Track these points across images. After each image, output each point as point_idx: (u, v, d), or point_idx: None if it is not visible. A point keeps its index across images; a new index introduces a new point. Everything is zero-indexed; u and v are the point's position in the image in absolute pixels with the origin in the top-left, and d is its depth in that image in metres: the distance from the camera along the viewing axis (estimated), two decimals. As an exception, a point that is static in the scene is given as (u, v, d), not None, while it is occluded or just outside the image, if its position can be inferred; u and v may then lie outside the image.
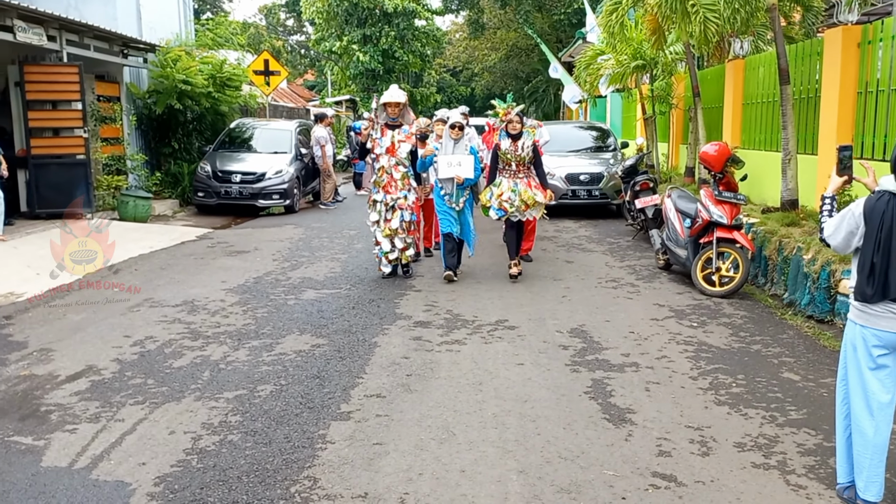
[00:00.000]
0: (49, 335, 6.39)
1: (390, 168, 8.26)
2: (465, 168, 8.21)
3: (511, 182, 8.25)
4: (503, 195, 8.20)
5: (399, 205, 8.30)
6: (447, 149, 8.36)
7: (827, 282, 6.65)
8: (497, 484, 3.81)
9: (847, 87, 8.31)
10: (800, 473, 3.92)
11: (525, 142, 8.24)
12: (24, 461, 4.06)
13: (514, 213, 8.24)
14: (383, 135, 8.28)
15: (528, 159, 8.27)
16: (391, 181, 8.28)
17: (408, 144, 8.31)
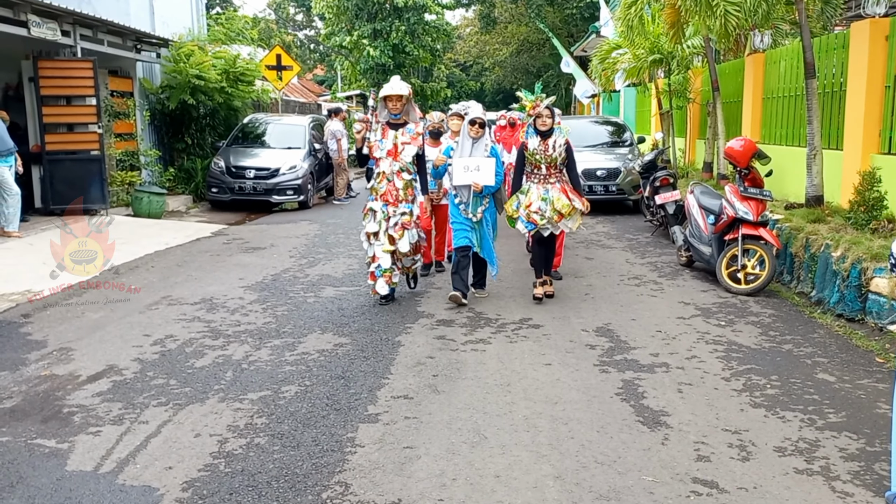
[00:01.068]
0: (68, 334, 6.31)
1: (392, 174, 6.92)
2: (485, 173, 6.91)
3: (541, 189, 6.97)
4: (532, 205, 6.93)
5: (405, 223, 6.95)
6: (464, 149, 7.05)
7: (858, 280, 6.51)
8: (534, 490, 3.70)
9: (874, 80, 8.15)
10: (845, 480, 3.80)
11: (556, 140, 6.92)
12: (48, 465, 3.98)
13: (546, 225, 6.98)
14: (384, 136, 6.97)
15: (560, 161, 6.97)
16: (392, 190, 6.94)
17: (413, 147, 6.93)
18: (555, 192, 6.93)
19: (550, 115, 6.90)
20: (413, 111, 7.09)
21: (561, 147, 6.95)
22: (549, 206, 6.89)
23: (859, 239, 6.83)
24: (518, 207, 7.04)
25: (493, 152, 7.11)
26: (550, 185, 6.98)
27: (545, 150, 6.94)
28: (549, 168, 6.97)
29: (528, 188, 7.04)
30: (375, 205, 7.01)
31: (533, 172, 7.05)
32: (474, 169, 6.90)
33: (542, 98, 6.99)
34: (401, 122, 6.99)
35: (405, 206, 6.96)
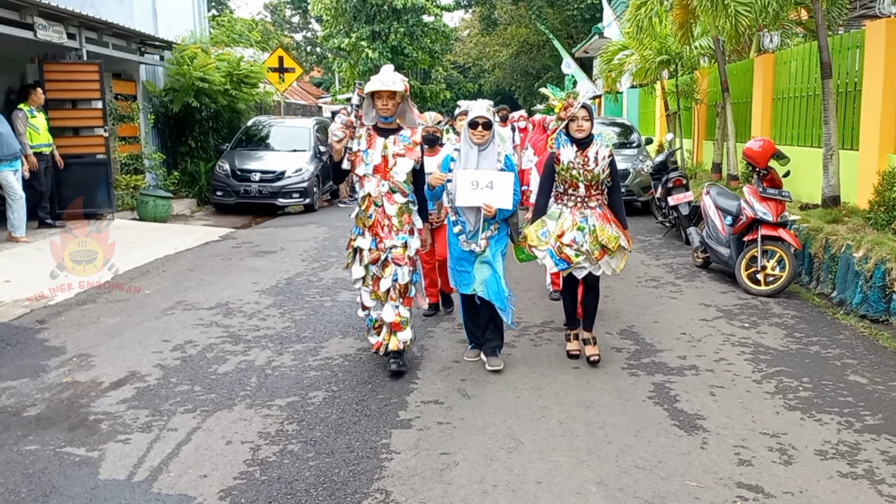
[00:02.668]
0: (86, 340, 6.23)
1: (381, 197, 5.18)
2: (499, 193, 5.18)
3: (577, 214, 5.33)
4: (564, 235, 5.27)
5: (395, 257, 5.21)
6: (468, 161, 5.30)
7: (882, 280, 6.47)
8: (577, 496, 3.65)
9: (891, 80, 8.12)
10: (891, 483, 3.76)
11: (599, 151, 5.28)
12: (80, 474, 3.90)
13: (582, 263, 5.32)
14: (370, 145, 5.16)
15: (603, 179, 5.33)
16: (382, 219, 5.21)
17: (408, 160, 5.18)
18: (596, 220, 5.30)
19: (588, 118, 5.24)
20: (410, 113, 5.33)
21: (605, 160, 5.29)
22: (589, 237, 5.27)
23: (882, 239, 6.79)
24: (545, 237, 5.36)
25: (507, 164, 5.34)
26: (590, 209, 5.33)
27: (584, 164, 5.26)
28: (589, 188, 5.31)
29: (560, 212, 5.38)
30: (363, 241, 5.25)
31: (566, 193, 5.38)
32: (485, 186, 5.18)
33: (576, 95, 5.36)
34: (393, 126, 5.22)
35: (399, 237, 5.22)
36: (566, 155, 5.29)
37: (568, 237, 5.28)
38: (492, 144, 5.33)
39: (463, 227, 5.36)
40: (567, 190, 5.39)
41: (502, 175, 5.22)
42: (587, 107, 5.28)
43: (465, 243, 5.38)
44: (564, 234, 5.29)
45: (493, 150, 5.33)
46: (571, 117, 5.24)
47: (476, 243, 5.34)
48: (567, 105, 5.25)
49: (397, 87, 5.05)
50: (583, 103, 5.26)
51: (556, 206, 5.46)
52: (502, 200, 5.19)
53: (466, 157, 5.33)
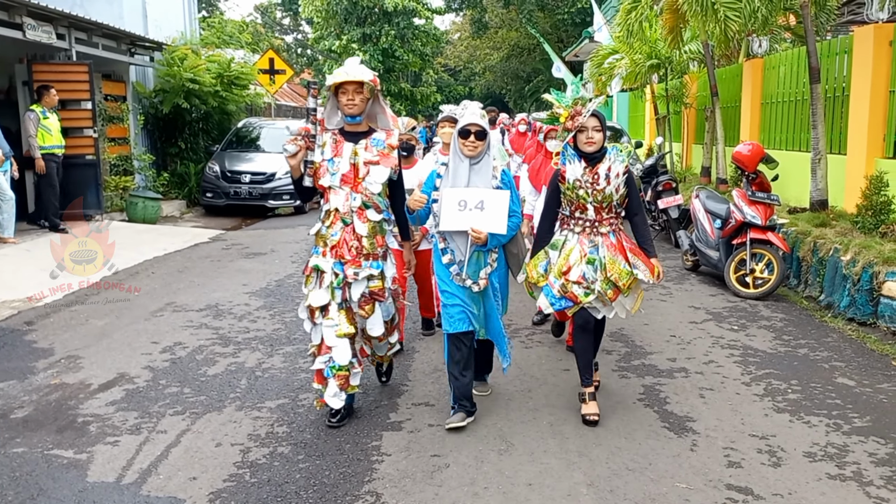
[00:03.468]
0: (74, 341, 6.20)
1: (349, 213, 4.35)
2: (491, 214, 4.32)
3: (586, 243, 4.48)
4: (571, 270, 4.42)
5: (373, 292, 4.42)
6: (458, 176, 4.41)
7: (869, 283, 6.51)
8: (567, 498, 3.65)
9: (878, 86, 8.18)
10: (878, 485, 3.78)
11: (613, 167, 4.42)
12: (68, 476, 3.88)
13: (592, 304, 4.49)
14: (336, 152, 4.34)
15: (617, 200, 4.48)
16: (350, 240, 4.36)
17: (383, 168, 4.37)
18: (607, 251, 4.43)
19: (600, 128, 4.44)
20: (383, 113, 4.52)
21: (619, 178, 4.42)
22: (601, 271, 4.41)
23: (869, 243, 6.84)
24: (545, 271, 4.55)
25: (504, 181, 4.47)
26: (602, 236, 4.47)
27: (594, 183, 4.42)
28: (599, 210, 4.46)
29: (565, 241, 4.54)
30: (323, 262, 4.36)
31: (573, 217, 4.54)
32: (475, 206, 4.30)
33: (585, 101, 4.60)
34: (363, 129, 4.41)
35: (373, 264, 4.37)
36: (572, 172, 4.44)
37: (576, 273, 4.39)
38: (486, 157, 4.41)
39: (454, 257, 4.43)
40: (574, 213, 4.53)
41: (495, 193, 4.32)
42: (598, 115, 4.44)
43: (457, 277, 4.40)
44: (571, 270, 4.40)
45: (487, 165, 4.40)
46: (580, 128, 4.43)
47: (474, 281, 4.41)
48: (574, 114, 4.45)
49: (364, 77, 4.23)
50: (593, 111, 4.43)
51: (561, 233, 4.58)
52: (494, 223, 4.29)
53: (455, 173, 4.40)
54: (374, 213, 4.39)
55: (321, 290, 4.36)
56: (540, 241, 4.68)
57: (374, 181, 4.36)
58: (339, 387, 4.41)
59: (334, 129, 4.43)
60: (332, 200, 4.36)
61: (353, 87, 4.26)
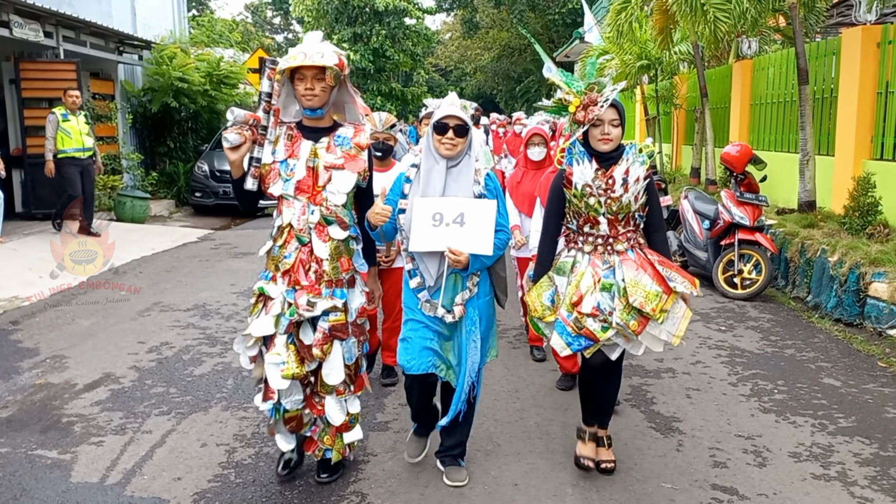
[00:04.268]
0: (60, 341, 6.16)
1: (307, 230, 3.49)
2: (474, 231, 3.45)
3: (600, 264, 3.63)
4: (583, 300, 3.56)
5: (334, 327, 3.51)
6: (429, 181, 3.55)
7: (856, 284, 6.54)
8: (553, 498, 3.65)
9: (866, 87, 8.23)
10: (863, 485, 3.79)
11: (632, 170, 3.55)
12: (52, 476, 3.85)
13: (613, 340, 3.61)
14: (291, 152, 3.49)
15: (637, 210, 3.64)
16: (306, 261, 3.51)
17: (349, 174, 3.50)
18: (629, 271, 3.57)
19: (619, 122, 3.54)
20: (352, 104, 3.64)
21: (639, 184, 3.57)
22: (619, 299, 3.54)
23: (856, 244, 6.87)
24: (552, 302, 3.68)
25: (489, 187, 3.59)
26: (619, 255, 3.62)
27: (607, 190, 3.55)
28: (614, 223, 3.61)
29: (574, 263, 3.68)
30: (271, 288, 3.51)
31: (581, 232, 3.68)
32: (453, 221, 3.43)
33: (602, 86, 3.57)
34: (325, 124, 3.56)
35: (336, 292, 3.52)
36: (581, 175, 3.55)
37: (589, 303, 3.53)
38: (467, 159, 3.55)
39: (424, 281, 3.56)
40: (582, 227, 3.65)
41: (479, 204, 3.44)
42: (618, 106, 3.53)
43: (427, 305, 3.54)
44: (583, 300, 3.54)
45: (468, 168, 3.54)
46: (592, 121, 3.50)
47: (447, 309, 3.52)
48: (588, 102, 3.48)
49: (327, 61, 3.32)
50: (612, 100, 3.48)
51: (568, 253, 3.71)
52: (478, 242, 3.40)
53: (428, 177, 3.50)
54: (338, 230, 3.49)
55: (265, 317, 3.46)
56: (542, 264, 3.78)
57: (337, 190, 3.46)
58: (290, 429, 3.65)
59: (290, 122, 3.54)
60: (284, 213, 3.47)
61: (313, 73, 3.36)
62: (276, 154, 3.47)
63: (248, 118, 3.39)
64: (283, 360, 3.46)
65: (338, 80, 3.44)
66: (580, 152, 3.61)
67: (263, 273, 3.61)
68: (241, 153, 3.38)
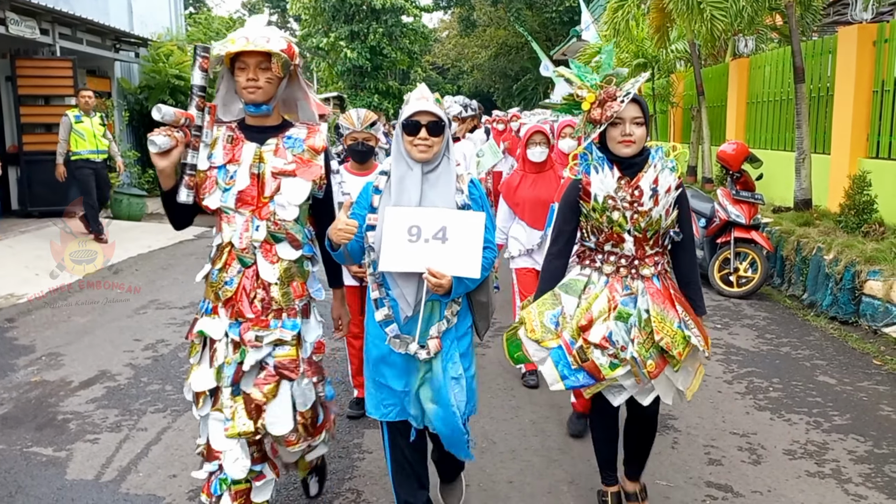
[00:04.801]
0: (56, 339, 6.16)
1: (251, 250, 2.92)
2: (461, 249, 2.83)
3: (619, 289, 3.06)
4: (592, 327, 3.00)
5: (282, 366, 2.93)
6: (404, 188, 2.91)
7: (851, 283, 6.56)
8: (548, 495, 3.66)
9: (862, 85, 8.24)
10: (857, 482, 3.80)
11: (662, 179, 2.99)
12: (47, 474, 3.85)
13: (624, 382, 3.04)
14: (232, 157, 2.92)
15: (666, 225, 3.04)
16: (252, 288, 2.93)
17: (302, 182, 2.96)
18: (655, 303, 2.99)
19: (642, 120, 2.98)
20: (304, 99, 3.08)
21: (670, 196, 3.00)
22: (638, 331, 2.96)
23: (852, 242, 6.89)
24: (556, 325, 3.08)
25: (474, 195, 2.99)
26: (643, 280, 3.04)
27: (634, 201, 2.99)
28: (641, 242, 3.03)
29: (588, 282, 3.12)
30: (214, 325, 2.95)
31: (601, 250, 3.11)
32: (433, 236, 2.83)
33: (622, 79, 3.03)
34: (272, 122, 3.00)
35: (287, 324, 2.96)
36: (602, 184, 2.99)
37: (598, 332, 2.96)
38: (446, 162, 2.96)
39: (393, 311, 2.91)
40: (603, 245, 3.08)
41: (465, 216, 2.84)
42: (641, 102, 2.97)
43: (395, 341, 2.90)
44: (592, 327, 2.98)
45: (447, 173, 2.95)
46: (611, 120, 2.94)
47: (421, 344, 2.88)
48: (605, 97, 2.93)
49: (273, 47, 2.78)
50: (633, 94, 2.93)
51: (581, 272, 3.16)
52: (463, 262, 2.80)
53: (401, 186, 2.90)
54: (289, 250, 2.95)
55: (207, 370, 2.94)
56: (548, 279, 3.19)
57: (287, 201, 2.92)
58: (231, 498, 3.00)
59: (231, 121, 2.99)
60: (224, 230, 2.90)
61: (257, 61, 2.82)
62: (212, 159, 2.89)
63: (180, 117, 2.78)
64: (228, 417, 2.89)
65: (287, 71, 2.88)
66: (598, 158, 3.03)
67: (202, 303, 3.02)
68: (171, 159, 2.77)
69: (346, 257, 2.95)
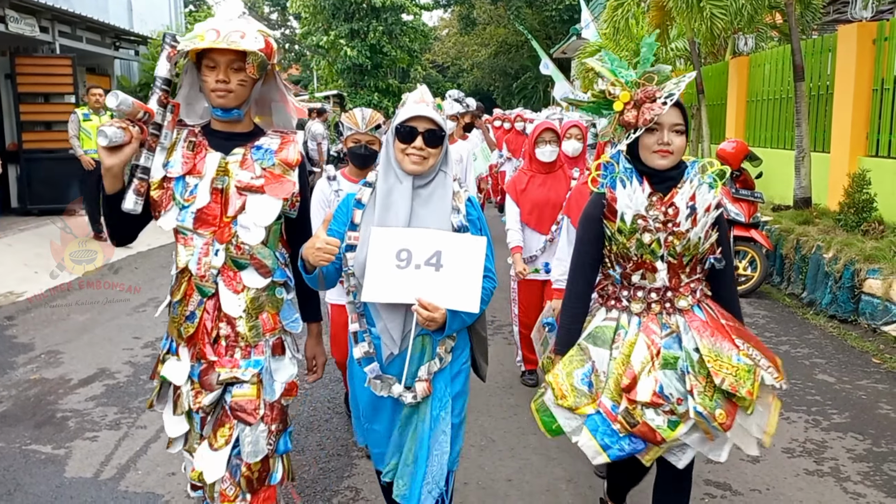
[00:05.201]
0: (55, 336, 6.16)
1: (210, 278, 2.48)
2: (457, 278, 2.42)
3: (657, 330, 2.58)
4: (639, 384, 2.51)
5: (237, 406, 2.50)
6: (390, 204, 2.51)
7: (850, 281, 6.56)
8: (547, 493, 3.66)
9: (862, 84, 8.24)
10: (855, 481, 3.81)
11: (700, 196, 2.55)
12: (46, 471, 3.85)
13: (685, 437, 2.52)
14: (192, 167, 2.46)
15: (705, 249, 2.59)
16: (213, 323, 2.50)
17: (272, 200, 2.50)
18: (704, 338, 2.54)
19: (683, 128, 2.58)
20: (282, 104, 2.68)
21: (709, 216, 2.57)
22: (695, 377, 2.49)
23: (851, 241, 6.89)
24: (589, 386, 2.63)
25: (472, 215, 2.61)
26: (681, 313, 2.61)
27: (669, 220, 2.56)
28: (676, 269, 2.61)
29: (617, 329, 2.66)
30: (176, 370, 2.56)
31: (629, 283, 2.67)
32: (425, 262, 2.44)
33: (665, 77, 2.58)
34: (240, 129, 2.57)
35: (251, 361, 2.54)
36: (630, 201, 2.55)
37: (646, 388, 2.49)
38: (441, 177, 2.57)
39: (375, 348, 2.55)
40: (629, 277, 2.62)
41: (462, 240, 2.45)
42: (682, 106, 2.54)
43: (376, 383, 2.52)
44: (637, 384, 2.50)
45: (443, 189, 2.56)
46: (649, 123, 2.49)
47: (408, 386, 2.50)
48: (643, 98, 2.49)
49: (249, 45, 2.36)
50: (675, 92, 2.48)
51: (607, 315, 2.68)
52: (460, 293, 2.41)
53: (387, 201, 2.51)
54: (255, 277, 2.52)
55: (174, 417, 2.58)
56: (569, 330, 2.72)
57: (252, 222, 2.48)
58: None
59: (194, 125, 2.57)
60: (181, 254, 2.50)
61: (228, 60, 2.39)
62: (169, 167, 2.46)
63: (138, 109, 2.34)
64: (192, 470, 2.59)
65: (263, 72, 2.45)
66: (626, 170, 2.59)
67: (165, 340, 2.62)
68: (121, 157, 2.30)
69: (321, 282, 2.53)
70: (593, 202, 2.68)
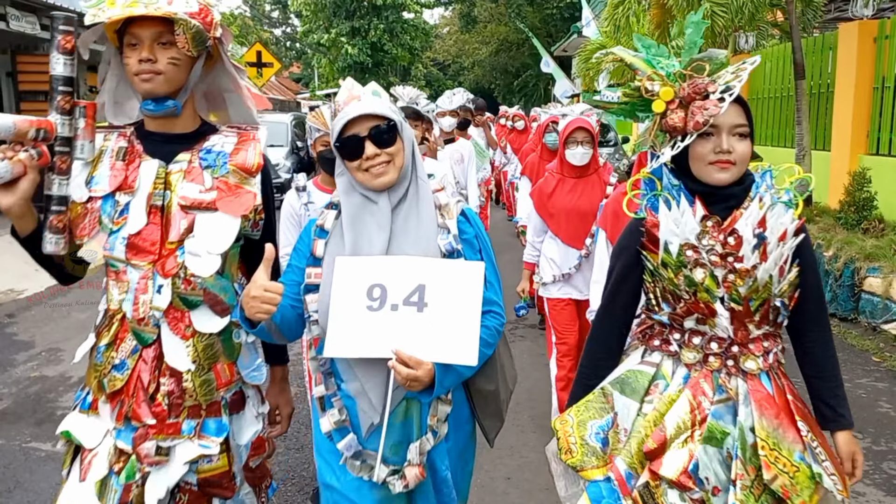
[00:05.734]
0: (55, 334, 6.17)
1: (149, 319, 1.93)
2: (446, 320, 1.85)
3: (708, 391, 1.89)
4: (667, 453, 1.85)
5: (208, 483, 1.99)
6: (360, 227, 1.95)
7: (851, 279, 6.57)
8: (546, 492, 3.67)
9: (863, 82, 8.25)
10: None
11: (772, 218, 1.84)
12: (46, 469, 3.87)
13: None
14: (124, 182, 1.93)
15: (782, 293, 1.89)
16: (154, 379, 1.94)
17: (227, 219, 1.96)
18: (766, 417, 1.87)
19: (748, 130, 1.87)
20: (237, 92, 2.12)
21: (785, 246, 1.87)
22: (743, 464, 1.83)
23: (851, 239, 6.89)
24: (604, 443, 1.98)
25: (467, 234, 2.03)
26: (745, 377, 1.92)
27: (729, 253, 1.87)
28: (742, 317, 1.90)
29: (656, 376, 1.98)
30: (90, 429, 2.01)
31: (678, 327, 1.96)
32: (405, 300, 1.86)
33: (720, 65, 1.88)
34: (182, 127, 2.02)
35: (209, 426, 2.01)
36: (677, 227, 1.93)
37: (674, 462, 1.87)
38: (414, 186, 2.02)
39: (351, 416, 2.00)
40: (680, 319, 1.98)
41: (452, 269, 1.93)
42: (744, 104, 1.90)
43: (354, 464, 1.99)
44: (666, 451, 1.88)
45: (419, 201, 2.01)
46: (705, 127, 1.83)
47: (396, 468, 1.97)
48: (692, 93, 1.84)
49: (176, 8, 1.87)
50: (736, 89, 1.82)
51: (646, 357, 2.06)
52: (452, 342, 1.87)
53: (354, 225, 1.98)
54: (210, 318, 1.99)
55: (80, 486, 1.97)
56: (588, 383, 2.11)
57: (204, 249, 1.97)
58: None
59: (125, 126, 2.07)
60: (112, 291, 2.00)
61: (154, 32, 1.90)
62: (94, 184, 1.95)
63: (27, 128, 1.78)
64: None
65: (202, 47, 1.94)
66: (672, 187, 1.97)
67: (79, 393, 2.11)
68: (18, 194, 1.80)
69: (276, 334, 1.96)
70: (629, 230, 2.05)
